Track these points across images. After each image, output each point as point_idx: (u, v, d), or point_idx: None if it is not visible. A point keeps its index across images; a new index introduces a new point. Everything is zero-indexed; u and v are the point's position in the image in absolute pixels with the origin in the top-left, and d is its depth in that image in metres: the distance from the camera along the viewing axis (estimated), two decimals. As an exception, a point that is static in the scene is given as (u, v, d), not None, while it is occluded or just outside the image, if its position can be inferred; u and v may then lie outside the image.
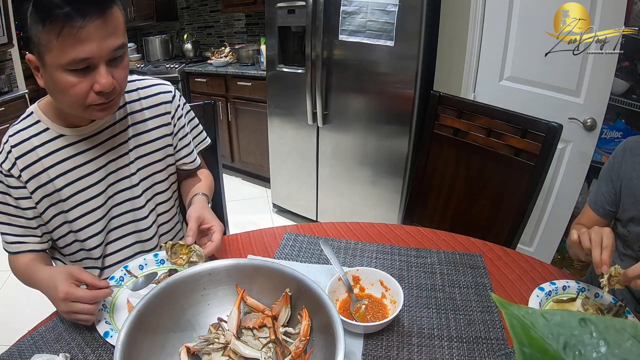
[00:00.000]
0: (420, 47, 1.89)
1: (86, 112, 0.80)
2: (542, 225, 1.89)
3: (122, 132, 0.95)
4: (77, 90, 0.75)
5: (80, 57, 0.71)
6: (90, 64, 0.74)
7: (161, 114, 1.00)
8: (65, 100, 0.78)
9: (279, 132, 2.59)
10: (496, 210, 1.35)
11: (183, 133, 1.06)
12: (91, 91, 0.76)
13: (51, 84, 0.77)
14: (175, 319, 0.69)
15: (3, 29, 3.05)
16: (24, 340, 0.77)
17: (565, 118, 1.60)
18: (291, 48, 2.47)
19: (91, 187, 0.92)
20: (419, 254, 1.00)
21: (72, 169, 0.90)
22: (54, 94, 0.81)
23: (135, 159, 0.97)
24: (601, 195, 1.04)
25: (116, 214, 0.98)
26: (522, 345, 0.27)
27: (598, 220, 1.05)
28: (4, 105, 3.05)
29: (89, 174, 0.91)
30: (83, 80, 0.75)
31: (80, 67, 0.73)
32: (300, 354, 0.65)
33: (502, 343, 0.75)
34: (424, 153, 1.51)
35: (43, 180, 0.88)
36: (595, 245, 0.81)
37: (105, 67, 0.75)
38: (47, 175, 0.88)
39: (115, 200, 0.97)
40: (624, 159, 1.00)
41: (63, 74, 0.73)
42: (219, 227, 0.91)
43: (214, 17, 3.87)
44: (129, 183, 0.97)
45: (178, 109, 1.03)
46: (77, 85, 0.75)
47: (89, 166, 0.91)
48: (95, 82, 0.75)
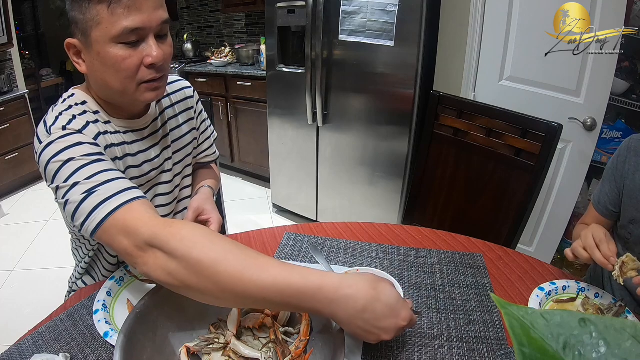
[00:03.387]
0: (420, 47, 1.89)
1: (137, 92, 0.78)
2: (542, 225, 1.89)
3: (162, 127, 0.95)
4: (128, 64, 0.73)
5: (132, 27, 0.70)
6: (140, 37, 0.73)
7: (187, 109, 1.02)
8: (116, 78, 0.75)
9: (279, 132, 2.59)
10: (496, 210, 1.35)
11: (204, 127, 1.09)
12: (142, 66, 0.75)
13: (98, 64, 0.75)
14: (175, 319, 0.69)
15: (3, 29, 3.05)
16: (24, 340, 0.77)
17: (565, 118, 1.60)
18: (291, 48, 2.47)
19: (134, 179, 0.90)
20: (419, 254, 1.00)
21: (127, 155, 0.87)
22: (101, 75, 0.76)
23: (172, 154, 0.98)
24: (604, 195, 1.03)
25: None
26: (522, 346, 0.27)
27: (602, 221, 1.04)
28: (4, 105, 3.05)
29: (139, 164, 0.90)
30: (134, 54, 0.73)
31: (131, 39, 0.72)
32: (300, 354, 0.65)
33: (502, 343, 0.75)
34: (424, 153, 1.51)
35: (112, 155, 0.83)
36: (591, 249, 0.82)
37: (153, 39, 0.74)
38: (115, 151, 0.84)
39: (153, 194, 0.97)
40: (627, 159, 0.98)
41: (113, 48, 0.72)
42: (217, 219, 0.90)
43: (214, 17, 3.87)
44: (166, 178, 0.97)
45: (198, 103, 1.06)
46: (128, 58, 0.73)
47: (140, 157, 0.90)
48: (146, 56, 0.74)
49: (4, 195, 3.20)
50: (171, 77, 1.02)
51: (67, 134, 0.73)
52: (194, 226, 0.63)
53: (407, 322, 0.62)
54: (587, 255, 0.84)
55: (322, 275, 0.59)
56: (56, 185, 0.70)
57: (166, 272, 0.59)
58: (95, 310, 0.79)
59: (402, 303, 0.62)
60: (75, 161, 0.70)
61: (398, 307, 0.61)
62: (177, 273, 0.58)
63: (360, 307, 0.58)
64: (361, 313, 0.58)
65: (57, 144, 0.71)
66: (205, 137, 1.11)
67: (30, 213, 2.92)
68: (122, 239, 0.64)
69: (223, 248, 0.59)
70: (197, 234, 0.60)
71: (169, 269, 0.59)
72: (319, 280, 0.58)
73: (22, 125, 3.19)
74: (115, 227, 0.64)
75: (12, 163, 3.14)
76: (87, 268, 1.04)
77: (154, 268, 0.61)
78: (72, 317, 0.81)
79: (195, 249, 0.58)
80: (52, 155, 0.71)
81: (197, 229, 0.62)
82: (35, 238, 2.63)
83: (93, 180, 0.68)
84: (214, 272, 0.56)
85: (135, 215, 0.64)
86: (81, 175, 0.69)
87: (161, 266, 0.60)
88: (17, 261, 2.40)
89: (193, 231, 0.61)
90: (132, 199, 0.67)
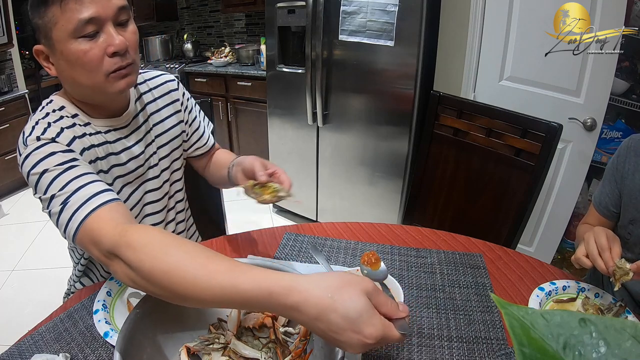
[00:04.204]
0: (420, 47, 1.89)
1: (106, 84, 0.78)
2: (542, 225, 1.89)
3: (144, 123, 0.95)
4: (90, 56, 0.74)
5: (86, 18, 0.71)
6: (98, 27, 0.74)
7: (172, 102, 1.01)
8: (83, 74, 0.76)
9: (279, 132, 2.58)
10: (496, 210, 1.35)
11: (192, 117, 1.08)
12: (105, 56, 0.75)
13: (64, 63, 0.76)
14: (175, 319, 0.69)
15: (3, 29, 3.05)
16: (24, 340, 0.77)
17: (565, 118, 1.60)
18: (291, 48, 2.47)
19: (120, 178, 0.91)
20: (419, 254, 1.00)
21: (110, 154, 0.88)
22: (69, 74, 0.78)
23: (157, 149, 0.98)
24: (605, 195, 1.03)
25: (139, 209, 0.98)
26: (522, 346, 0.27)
27: (603, 222, 1.04)
28: (4, 105, 3.05)
29: (124, 162, 0.90)
30: (94, 46, 0.74)
31: (88, 31, 0.73)
32: (300, 353, 0.65)
33: (502, 343, 0.75)
34: (424, 153, 1.51)
35: (92, 156, 0.84)
36: (593, 259, 0.82)
37: (113, 27, 0.75)
38: (95, 152, 0.85)
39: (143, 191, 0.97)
40: (627, 159, 0.98)
41: (73, 43, 0.73)
42: (282, 169, 0.89)
43: (214, 17, 3.87)
44: (152, 173, 0.97)
45: (185, 94, 1.05)
46: (89, 51, 0.74)
47: (124, 155, 0.90)
48: (107, 45, 0.75)
49: (4, 195, 3.20)
50: (154, 72, 1.03)
51: (41, 145, 0.75)
52: (148, 234, 0.61)
53: (375, 340, 0.49)
54: (590, 264, 0.83)
55: (275, 279, 0.52)
56: (39, 197, 0.73)
57: (130, 280, 0.60)
58: (95, 310, 0.80)
59: (369, 317, 0.49)
60: (49, 172, 0.72)
61: (360, 321, 0.49)
62: (137, 281, 0.59)
63: (313, 316, 0.50)
64: (314, 322, 0.50)
65: (33, 156, 0.74)
66: (194, 129, 1.08)
67: (30, 213, 2.91)
68: (93, 249, 0.65)
69: (175, 258, 0.56)
70: (150, 244, 0.59)
71: (130, 277, 0.59)
72: (270, 285, 0.51)
73: (22, 125, 3.11)
74: (86, 237, 0.66)
75: (12, 163, 3.14)
76: (85, 270, 1.04)
77: (121, 276, 0.61)
78: (72, 317, 0.81)
79: (147, 261, 0.57)
80: (29, 168, 0.73)
81: (151, 236, 0.60)
82: (35, 238, 2.63)
83: (66, 191, 0.70)
84: (167, 283, 0.55)
85: (100, 224, 0.65)
86: (56, 186, 0.71)
87: (125, 274, 0.60)
88: (17, 261, 2.40)
89: (147, 239, 0.59)
90: (100, 205, 0.67)
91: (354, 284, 0.51)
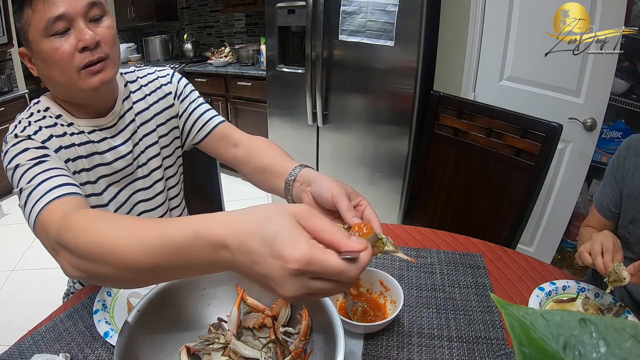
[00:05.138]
0: (420, 47, 1.89)
1: (80, 80, 0.78)
2: (542, 225, 1.89)
3: (132, 122, 0.94)
4: (61, 52, 0.75)
5: (54, 16, 0.73)
6: (69, 24, 0.75)
7: (163, 97, 1.00)
8: (57, 71, 0.77)
9: (279, 132, 2.58)
10: (496, 210, 1.35)
11: (191, 109, 1.01)
12: (76, 52, 0.76)
13: (40, 62, 0.78)
14: (175, 319, 0.69)
15: (3, 29, 3.05)
16: (24, 340, 0.77)
17: (565, 118, 1.60)
18: (291, 48, 2.47)
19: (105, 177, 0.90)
20: (419, 254, 1.00)
21: (94, 154, 0.88)
22: (46, 72, 0.79)
23: (145, 148, 0.97)
24: (606, 196, 1.03)
25: (130, 207, 0.97)
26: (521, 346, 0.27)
27: (605, 223, 1.04)
28: (4, 105, 3.05)
29: (109, 162, 0.90)
30: (65, 42, 0.75)
31: (59, 28, 0.74)
32: (300, 354, 0.65)
33: (502, 343, 0.75)
34: (424, 153, 1.51)
35: (72, 155, 0.84)
36: (594, 256, 0.83)
37: (83, 23, 0.76)
38: (75, 150, 0.85)
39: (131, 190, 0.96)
40: (627, 159, 0.98)
41: (46, 42, 0.74)
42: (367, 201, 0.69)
43: (214, 17, 3.87)
44: (141, 172, 0.97)
45: (179, 87, 1.01)
46: (60, 48, 0.75)
47: (109, 155, 0.90)
48: (78, 41, 0.76)
49: (4, 195, 3.20)
50: (150, 69, 1.02)
51: (17, 141, 0.77)
52: (85, 214, 0.60)
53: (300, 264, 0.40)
54: (591, 261, 0.84)
55: (202, 217, 0.47)
56: (15, 192, 0.75)
57: (73, 267, 0.57)
58: (95, 310, 0.80)
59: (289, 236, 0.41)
60: (20, 167, 0.74)
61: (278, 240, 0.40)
62: (79, 264, 0.56)
63: (236, 248, 0.43)
64: (239, 256, 0.43)
65: (10, 152, 0.76)
66: (195, 115, 1.01)
67: (30, 213, 2.91)
68: (45, 241, 0.64)
69: (104, 226, 0.54)
70: (83, 220, 0.57)
71: (73, 263, 0.57)
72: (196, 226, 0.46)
73: (22, 125, 3.18)
74: (41, 229, 0.66)
75: (12, 163, 3.14)
76: None
77: (65, 267, 0.59)
78: (72, 317, 0.81)
79: (81, 237, 0.55)
80: (6, 163, 0.76)
81: (86, 215, 0.59)
82: (35, 238, 2.61)
83: (31, 184, 0.71)
84: (102, 255, 0.52)
85: (50, 216, 0.64)
86: (24, 180, 0.72)
87: (68, 262, 0.58)
88: (17, 261, 2.40)
89: (81, 218, 0.58)
90: (56, 197, 0.67)
91: (282, 208, 0.44)
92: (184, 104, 1.02)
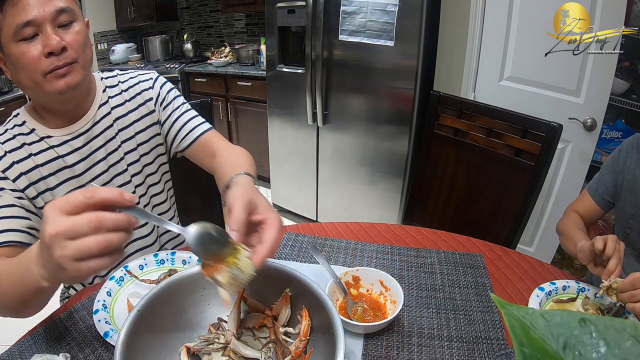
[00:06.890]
0: (420, 47, 1.89)
1: (45, 84, 0.79)
2: (542, 225, 1.89)
3: (109, 128, 0.94)
4: (28, 56, 0.76)
5: (22, 22, 0.74)
6: (37, 30, 0.76)
7: (143, 103, 0.98)
8: (24, 75, 0.79)
9: (279, 132, 2.58)
10: (496, 210, 1.35)
11: (174, 116, 1.00)
12: (42, 56, 0.77)
13: (10, 66, 0.80)
14: (175, 319, 0.69)
15: (3, 29, 3.05)
16: (24, 340, 0.77)
17: (565, 118, 1.60)
18: (291, 48, 2.47)
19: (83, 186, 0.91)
20: (419, 254, 1.00)
21: (63, 168, 0.89)
22: (16, 76, 0.81)
23: (124, 154, 0.96)
24: (603, 185, 1.05)
25: None
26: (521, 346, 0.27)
27: (595, 209, 1.07)
28: (4, 105, 3.05)
29: (80, 173, 0.91)
30: (32, 47, 0.76)
31: (27, 34, 0.75)
32: (300, 354, 0.65)
33: (502, 343, 0.75)
34: (424, 153, 1.51)
35: (34, 178, 0.86)
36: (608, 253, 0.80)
37: (51, 29, 0.77)
38: (39, 172, 0.86)
39: None
40: (629, 154, 1.00)
41: (15, 46, 0.76)
42: (276, 221, 0.62)
43: (214, 17, 3.87)
44: (122, 180, 0.97)
45: (161, 92, 1.00)
46: (27, 52, 0.76)
47: (81, 165, 0.91)
48: (44, 46, 0.77)
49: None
50: (133, 73, 1.01)
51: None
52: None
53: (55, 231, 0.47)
54: (589, 258, 0.83)
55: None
56: None
57: None
58: (95, 310, 0.79)
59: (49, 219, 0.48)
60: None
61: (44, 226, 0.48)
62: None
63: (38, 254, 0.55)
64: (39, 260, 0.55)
65: None
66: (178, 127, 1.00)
67: (30, 213, 2.91)
68: None
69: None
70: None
71: None
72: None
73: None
74: None
75: (12, 163, 3.14)
76: None
77: None
78: (72, 317, 0.81)
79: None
80: None
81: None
82: (35, 238, 2.62)
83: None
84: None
85: None
86: None
87: None
88: (17, 261, 2.40)
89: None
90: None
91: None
92: (167, 111, 1.01)
